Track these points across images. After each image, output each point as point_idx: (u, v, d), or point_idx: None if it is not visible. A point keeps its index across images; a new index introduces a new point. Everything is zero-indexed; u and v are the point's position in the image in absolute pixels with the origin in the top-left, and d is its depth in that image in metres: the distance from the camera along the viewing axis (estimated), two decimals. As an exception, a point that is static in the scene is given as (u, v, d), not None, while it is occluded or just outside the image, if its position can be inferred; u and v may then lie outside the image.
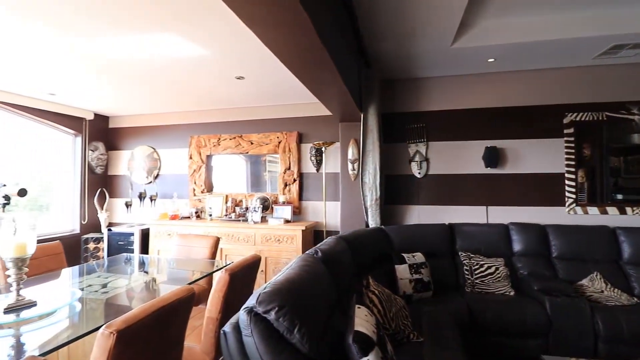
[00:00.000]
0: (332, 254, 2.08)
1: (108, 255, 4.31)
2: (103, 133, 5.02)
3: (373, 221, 3.42)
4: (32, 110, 4.07)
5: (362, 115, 3.38)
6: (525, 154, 3.56)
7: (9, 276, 1.68)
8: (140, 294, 2.14)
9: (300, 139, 4.33)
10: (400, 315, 2.00)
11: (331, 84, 2.36)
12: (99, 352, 1.09)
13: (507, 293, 2.81)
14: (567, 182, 3.44)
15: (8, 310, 1.61)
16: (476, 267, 2.98)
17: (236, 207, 4.31)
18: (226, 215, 4.30)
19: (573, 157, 3.44)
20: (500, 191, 3.61)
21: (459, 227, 3.30)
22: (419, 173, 3.77)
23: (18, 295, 1.67)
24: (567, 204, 3.43)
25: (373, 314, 1.64)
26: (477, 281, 2.92)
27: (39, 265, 2.50)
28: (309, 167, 4.28)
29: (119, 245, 4.28)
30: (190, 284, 2.21)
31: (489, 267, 2.93)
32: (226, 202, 4.43)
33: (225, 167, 4.70)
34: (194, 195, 4.65)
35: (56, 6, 2.00)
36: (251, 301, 1.22)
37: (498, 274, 2.90)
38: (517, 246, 3.17)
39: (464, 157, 3.71)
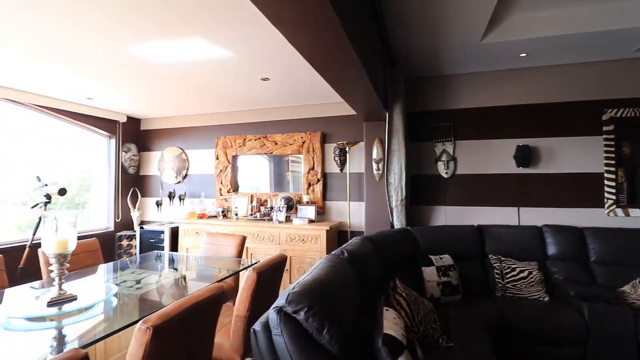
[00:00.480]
0: (358, 254, 2.07)
1: (140, 252, 4.49)
2: (135, 135, 5.23)
3: (398, 222, 3.37)
4: (71, 114, 4.31)
5: (387, 115, 3.34)
6: (560, 152, 3.39)
7: (52, 271, 1.79)
8: (170, 291, 2.22)
9: (324, 139, 4.33)
10: (428, 319, 1.95)
11: (357, 83, 2.34)
12: (136, 346, 1.13)
13: (541, 298, 2.69)
14: (606, 182, 3.25)
15: (51, 304, 1.71)
16: (507, 270, 2.87)
17: (261, 207, 4.37)
18: (251, 214, 4.37)
19: (613, 155, 3.24)
20: (533, 192, 3.45)
21: (488, 229, 3.19)
22: (446, 173, 3.68)
23: (60, 289, 1.76)
24: (606, 205, 3.24)
25: (401, 316, 1.62)
26: (508, 285, 2.81)
27: (78, 260, 2.64)
28: (333, 167, 4.28)
29: (150, 243, 4.45)
30: (218, 282, 2.26)
31: (522, 271, 2.82)
32: (251, 202, 4.50)
33: (249, 167, 4.78)
34: (221, 194, 4.75)
35: (95, 15, 2.10)
36: (280, 301, 1.22)
37: (531, 278, 2.78)
38: (551, 249, 3.02)
39: (493, 157, 3.58)
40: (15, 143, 4.01)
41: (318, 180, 4.28)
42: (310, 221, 3.92)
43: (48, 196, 3.29)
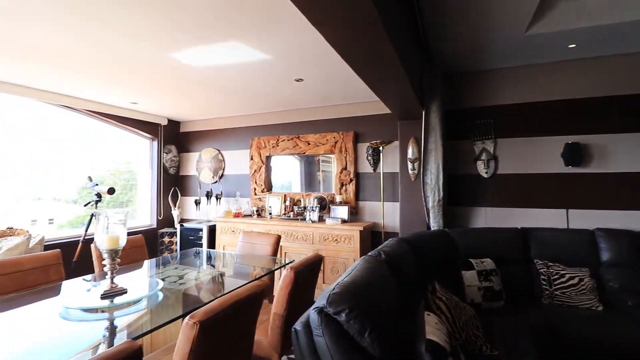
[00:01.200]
0: (395, 256, 2.03)
1: (180, 249, 4.70)
2: (175, 137, 5.48)
3: (435, 223, 3.27)
4: (117, 118, 4.59)
5: (423, 113, 3.24)
6: (615, 150, 3.13)
7: (104, 265, 1.90)
8: (210, 287, 2.29)
9: (357, 139, 4.29)
10: (470, 325, 1.88)
11: (395, 82, 2.29)
12: (184, 339, 1.17)
13: (594, 308, 2.50)
14: (670, 182, 2.96)
15: (104, 296, 1.82)
16: (555, 276, 2.69)
17: (294, 206, 4.41)
18: (285, 214, 4.43)
19: (678, 153, 2.94)
20: (584, 193, 3.22)
21: (533, 232, 3.01)
22: (486, 173, 3.52)
23: (112, 283, 1.88)
24: (670, 208, 2.95)
25: (443, 322, 1.56)
26: (556, 292, 2.64)
27: (126, 255, 2.79)
28: (366, 167, 4.23)
29: (189, 240, 4.64)
30: (255, 280, 2.30)
31: (572, 278, 2.63)
32: (285, 202, 4.56)
33: (281, 167, 4.86)
34: (255, 194, 4.86)
35: (142, 25, 2.21)
36: (321, 301, 1.22)
37: (582, 285, 2.58)
38: (605, 255, 2.80)
39: (538, 155, 3.38)
40: (67, 146, 4.34)
41: (351, 180, 4.25)
42: (344, 221, 3.91)
43: (99, 195, 3.52)
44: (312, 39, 2.43)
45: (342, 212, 4.03)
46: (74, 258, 3.53)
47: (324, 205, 4.29)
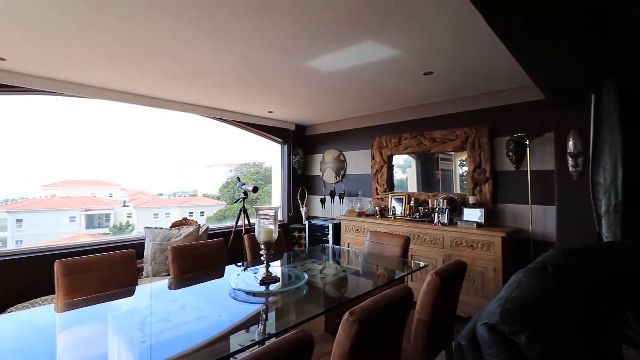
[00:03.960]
0: (565, 271, 1.69)
1: (309, 244, 5.05)
2: (302, 140, 5.93)
3: (610, 233, 2.61)
4: (256, 126, 5.21)
5: (592, 96, 2.63)
6: None
7: (261, 255, 2.15)
8: (344, 283, 2.35)
9: (493, 133, 3.81)
10: (690, 371, 1.41)
11: (561, 59, 1.91)
12: (344, 336, 1.20)
13: None
14: None
15: (262, 283, 2.06)
16: None
17: (419, 207, 4.21)
18: (409, 214, 4.27)
19: None
20: None
21: None
22: (691, 169, 2.64)
23: (267, 271, 2.11)
24: None
25: (651, 361, 1.21)
26: None
27: (270, 247, 3.13)
28: (505, 164, 3.72)
29: (316, 236, 4.94)
30: (397, 280, 2.26)
31: None
32: (408, 202, 4.39)
33: (402, 166, 4.74)
34: (377, 194, 4.84)
35: (280, 39, 2.42)
36: (491, 317, 1.08)
37: None
38: None
39: None
40: (214, 151, 5.18)
41: (486, 180, 3.80)
42: (479, 225, 3.51)
43: (245, 193, 4.06)
44: (444, 28, 2.25)
45: (476, 214, 3.63)
46: (227, 246, 4.15)
47: (454, 207, 3.96)
